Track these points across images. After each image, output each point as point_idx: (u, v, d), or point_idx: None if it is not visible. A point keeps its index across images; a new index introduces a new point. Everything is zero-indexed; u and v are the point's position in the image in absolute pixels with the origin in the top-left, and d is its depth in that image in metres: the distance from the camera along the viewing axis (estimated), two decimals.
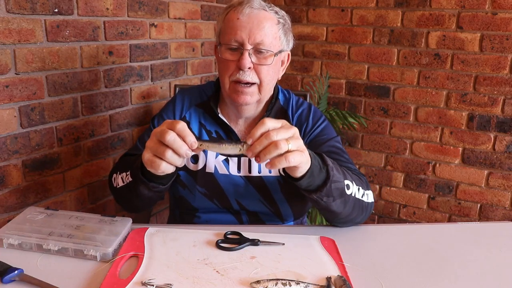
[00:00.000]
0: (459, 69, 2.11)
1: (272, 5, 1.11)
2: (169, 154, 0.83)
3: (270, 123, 0.81)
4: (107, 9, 1.56)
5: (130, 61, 1.71)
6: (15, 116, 1.31)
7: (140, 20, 1.72)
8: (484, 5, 2.00)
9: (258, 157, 0.81)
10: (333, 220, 1.02)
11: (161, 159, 0.84)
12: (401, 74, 2.24)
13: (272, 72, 1.10)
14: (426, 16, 2.12)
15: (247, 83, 1.07)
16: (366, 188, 1.04)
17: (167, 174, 0.92)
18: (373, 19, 2.24)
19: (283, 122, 0.83)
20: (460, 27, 2.07)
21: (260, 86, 1.09)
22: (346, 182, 0.95)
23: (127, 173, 1.01)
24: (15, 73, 1.29)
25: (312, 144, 1.15)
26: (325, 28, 2.38)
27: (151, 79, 1.84)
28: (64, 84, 1.45)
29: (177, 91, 1.69)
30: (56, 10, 1.38)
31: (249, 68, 1.06)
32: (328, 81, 2.28)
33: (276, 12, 1.10)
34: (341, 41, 2.35)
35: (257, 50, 1.06)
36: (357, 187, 0.99)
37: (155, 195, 1.01)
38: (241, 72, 1.06)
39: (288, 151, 0.80)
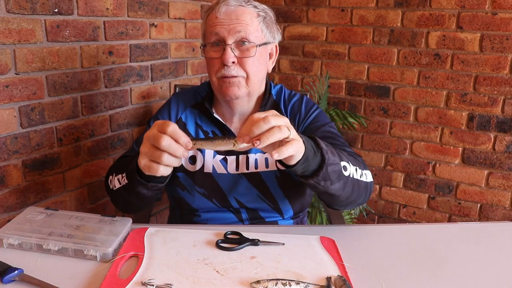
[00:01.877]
0: (459, 69, 2.11)
1: (251, 0, 1.12)
2: (165, 157, 0.83)
3: (262, 114, 0.79)
4: (107, 9, 1.56)
5: (130, 61, 1.71)
6: (15, 116, 1.31)
7: (140, 20, 1.72)
8: (484, 5, 2.00)
9: (258, 139, 0.77)
10: (334, 203, 1.01)
11: (158, 163, 0.84)
12: (401, 74, 2.24)
13: (258, 63, 1.10)
14: (426, 16, 2.12)
15: (233, 76, 1.08)
16: (364, 168, 1.03)
17: None
18: (373, 19, 2.24)
19: (273, 111, 0.82)
20: (460, 27, 2.07)
21: (247, 79, 1.09)
22: (343, 163, 0.94)
23: (123, 175, 1.01)
24: (15, 73, 1.29)
25: (306, 132, 1.15)
26: (325, 28, 2.38)
27: (151, 79, 1.84)
28: (64, 84, 1.45)
29: (177, 91, 1.69)
30: (56, 10, 1.38)
31: (233, 62, 1.07)
32: (328, 81, 2.28)
33: (255, 6, 1.11)
34: (341, 41, 2.35)
35: (239, 43, 1.07)
36: (354, 167, 0.98)
37: (153, 194, 1.00)
38: (226, 67, 1.07)
39: (287, 138, 0.79)
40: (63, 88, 1.45)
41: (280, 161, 0.88)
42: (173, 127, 0.82)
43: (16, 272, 0.78)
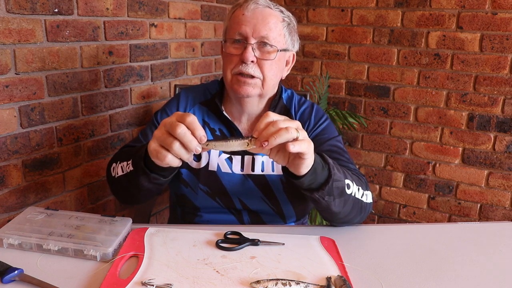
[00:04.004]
0: (459, 69, 2.11)
1: (278, 4, 1.13)
2: (176, 146, 0.81)
3: (274, 116, 0.81)
4: (107, 9, 1.56)
5: (130, 61, 1.71)
6: (15, 116, 1.31)
7: (140, 20, 1.72)
8: (484, 5, 2.00)
9: (267, 141, 0.78)
10: (332, 219, 1.03)
11: (168, 150, 0.83)
12: (401, 74, 2.24)
13: (276, 68, 1.11)
14: (426, 16, 2.12)
15: (249, 75, 1.08)
16: (366, 188, 1.04)
17: (170, 167, 0.90)
18: (373, 19, 2.24)
19: (284, 117, 0.83)
20: (460, 27, 2.07)
21: (263, 81, 1.10)
22: (347, 181, 0.95)
23: (128, 162, 0.99)
24: (15, 73, 1.29)
25: (314, 142, 1.15)
26: (325, 28, 2.38)
27: (151, 79, 1.84)
28: (64, 84, 1.45)
29: (177, 91, 1.69)
30: (56, 10, 1.38)
31: (252, 61, 1.07)
32: (328, 81, 2.29)
33: (282, 11, 1.12)
34: (341, 41, 2.35)
35: (261, 45, 1.07)
36: (357, 187, 0.99)
37: (154, 188, 0.99)
38: (243, 64, 1.07)
39: (297, 138, 0.80)
40: (63, 88, 1.45)
41: (288, 173, 0.89)
42: (192, 118, 0.81)
43: (16, 272, 0.78)
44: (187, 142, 0.80)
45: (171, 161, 0.84)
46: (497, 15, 1.98)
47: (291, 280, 0.77)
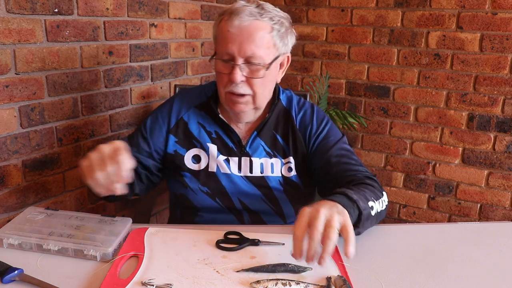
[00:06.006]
0: (459, 69, 2.11)
1: (266, 9, 1.06)
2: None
3: (300, 233, 0.78)
4: (107, 9, 1.56)
5: (130, 61, 1.71)
6: (15, 116, 1.31)
7: (140, 20, 1.72)
8: (484, 5, 2.00)
9: (322, 258, 0.76)
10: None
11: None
12: (401, 74, 2.24)
13: (266, 81, 1.10)
14: (426, 16, 2.12)
15: (240, 94, 1.08)
16: (381, 193, 1.03)
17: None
18: (373, 19, 2.24)
19: (306, 216, 0.80)
20: (460, 27, 2.07)
21: (254, 97, 1.09)
22: (370, 204, 0.95)
23: None
24: (15, 73, 1.29)
25: (320, 148, 1.15)
26: (325, 28, 2.38)
27: (151, 79, 1.84)
28: (64, 84, 1.45)
29: (177, 91, 1.69)
30: (56, 10, 1.38)
31: (242, 81, 1.06)
32: (328, 81, 2.28)
33: (271, 18, 1.05)
34: (341, 41, 2.35)
35: (249, 63, 1.05)
36: (378, 201, 0.99)
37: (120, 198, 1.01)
38: (233, 84, 1.06)
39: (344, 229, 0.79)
40: (63, 88, 1.45)
41: None
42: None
43: (16, 272, 0.78)
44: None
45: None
46: (497, 15, 1.98)
47: (291, 280, 0.77)
